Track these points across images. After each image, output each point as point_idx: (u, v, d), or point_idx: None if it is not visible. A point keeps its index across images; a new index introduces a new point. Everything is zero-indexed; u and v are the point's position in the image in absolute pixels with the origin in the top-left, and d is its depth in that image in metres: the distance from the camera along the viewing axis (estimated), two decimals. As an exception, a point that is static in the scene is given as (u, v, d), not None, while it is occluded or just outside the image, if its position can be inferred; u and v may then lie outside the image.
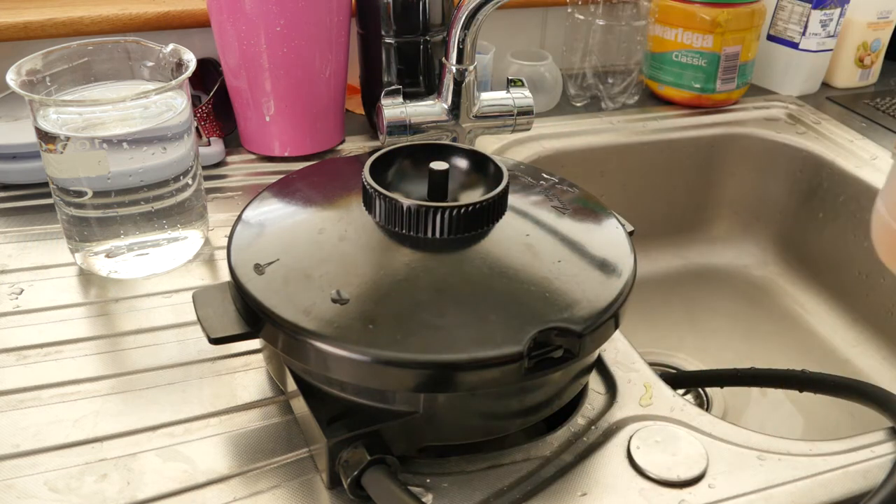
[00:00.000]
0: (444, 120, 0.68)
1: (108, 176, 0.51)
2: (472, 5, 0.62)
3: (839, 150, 0.82)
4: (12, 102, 0.69)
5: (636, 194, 0.87)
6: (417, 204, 0.42)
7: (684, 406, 0.46)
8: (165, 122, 0.52)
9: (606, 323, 0.40)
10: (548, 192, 0.49)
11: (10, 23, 0.72)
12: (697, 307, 0.90)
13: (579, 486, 0.41)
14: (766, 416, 0.77)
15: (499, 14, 0.66)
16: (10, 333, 0.50)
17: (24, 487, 0.40)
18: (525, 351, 0.37)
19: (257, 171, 0.71)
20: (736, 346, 0.86)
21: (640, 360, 0.49)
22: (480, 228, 0.43)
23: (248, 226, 0.46)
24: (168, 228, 0.56)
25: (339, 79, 0.72)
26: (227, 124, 0.74)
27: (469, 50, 0.65)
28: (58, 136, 0.50)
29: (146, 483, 0.40)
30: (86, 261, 0.56)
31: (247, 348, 0.49)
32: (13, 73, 0.50)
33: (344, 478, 0.38)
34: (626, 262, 0.44)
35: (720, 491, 0.41)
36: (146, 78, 0.57)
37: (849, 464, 0.43)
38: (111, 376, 0.47)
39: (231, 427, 0.44)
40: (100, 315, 0.53)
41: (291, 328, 0.38)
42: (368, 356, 0.37)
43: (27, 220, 0.62)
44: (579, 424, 0.45)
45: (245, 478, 0.41)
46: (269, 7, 0.64)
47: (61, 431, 0.43)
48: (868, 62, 0.94)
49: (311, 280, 0.40)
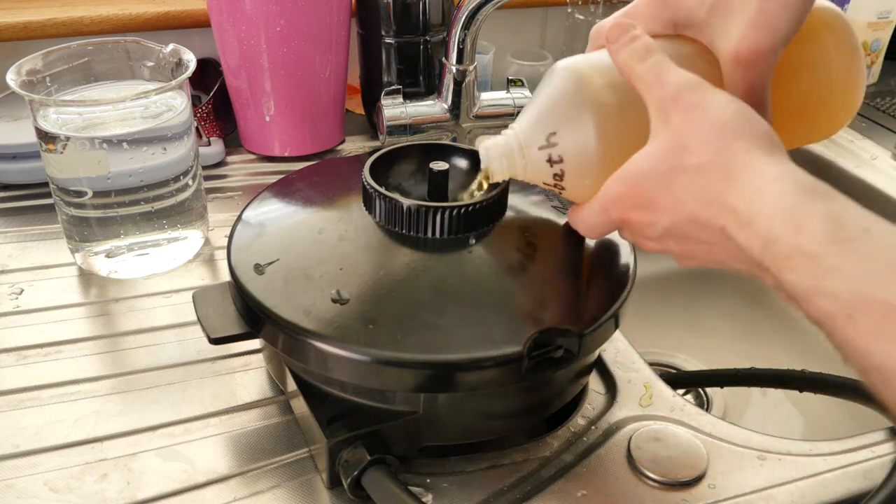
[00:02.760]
0: (444, 120, 0.68)
1: (108, 176, 0.51)
2: (472, 5, 0.62)
3: (839, 150, 0.82)
4: (12, 102, 0.69)
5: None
6: (417, 204, 0.42)
7: (684, 406, 0.46)
8: (165, 122, 0.52)
9: (606, 323, 0.40)
10: (548, 192, 0.49)
11: (10, 23, 0.72)
12: (697, 307, 0.90)
13: (579, 486, 0.41)
14: (766, 416, 0.77)
15: (499, 14, 0.66)
16: (10, 333, 0.50)
17: (24, 487, 0.40)
18: (525, 351, 0.37)
19: (257, 171, 0.71)
20: (736, 346, 0.85)
21: (640, 360, 0.49)
22: (480, 228, 0.43)
23: (248, 226, 0.46)
24: (168, 228, 0.56)
25: (339, 79, 0.72)
26: (227, 124, 0.74)
27: (469, 50, 0.65)
28: (58, 136, 0.50)
29: (146, 483, 0.40)
30: (86, 261, 0.56)
31: (247, 348, 0.49)
32: (13, 73, 0.50)
33: (344, 478, 0.38)
34: (626, 262, 0.44)
35: (720, 491, 0.41)
36: (146, 78, 0.57)
37: (849, 464, 0.43)
38: (111, 376, 0.47)
39: (231, 427, 0.44)
40: (100, 315, 0.53)
41: (291, 328, 0.38)
42: (368, 356, 0.37)
43: (27, 220, 0.62)
44: (579, 424, 0.45)
45: (245, 478, 0.41)
46: (269, 7, 0.64)
47: (61, 431, 0.43)
48: (868, 62, 0.94)
49: (311, 280, 0.40)
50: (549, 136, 0.38)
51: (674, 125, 0.33)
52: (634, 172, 0.35)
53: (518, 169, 0.40)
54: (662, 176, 0.33)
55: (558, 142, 0.38)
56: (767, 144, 0.31)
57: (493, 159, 0.41)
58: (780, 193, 0.29)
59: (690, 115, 0.33)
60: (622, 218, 0.36)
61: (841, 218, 0.28)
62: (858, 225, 0.28)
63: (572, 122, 0.38)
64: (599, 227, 0.38)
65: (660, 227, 0.34)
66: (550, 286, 0.41)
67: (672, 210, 0.33)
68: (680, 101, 0.33)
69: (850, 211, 0.29)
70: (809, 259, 0.28)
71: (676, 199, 0.33)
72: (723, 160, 0.31)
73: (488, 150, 0.41)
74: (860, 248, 0.27)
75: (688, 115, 0.33)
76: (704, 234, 0.32)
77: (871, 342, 0.26)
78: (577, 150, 0.38)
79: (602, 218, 0.37)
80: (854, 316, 0.27)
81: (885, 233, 0.28)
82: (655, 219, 0.34)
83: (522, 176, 0.41)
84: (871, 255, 0.27)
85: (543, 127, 0.39)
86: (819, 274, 0.28)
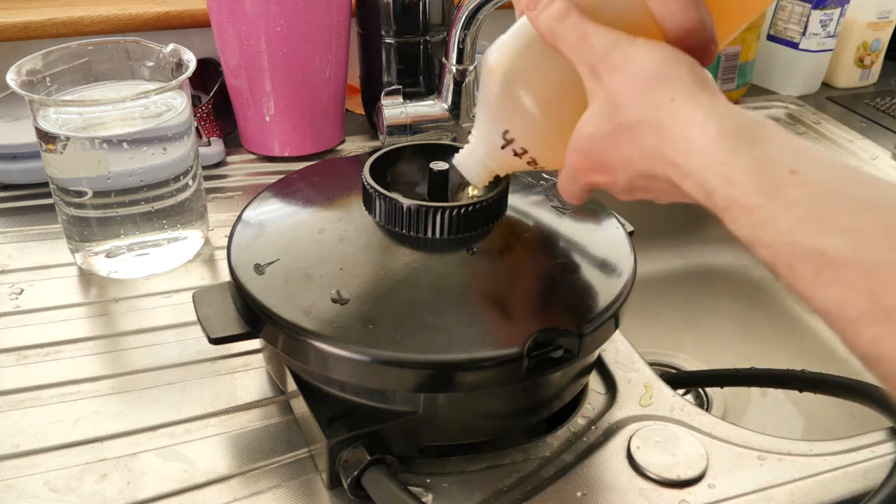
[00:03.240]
0: (444, 120, 0.68)
1: (108, 176, 0.51)
2: (472, 5, 0.62)
3: (839, 150, 0.82)
4: (12, 102, 0.69)
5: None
6: (417, 204, 0.42)
7: (684, 406, 0.46)
8: (165, 122, 0.52)
9: (606, 323, 0.40)
10: (548, 192, 0.49)
11: (10, 23, 0.72)
12: (697, 307, 0.90)
13: (579, 486, 0.41)
14: (766, 416, 0.77)
15: (499, 14, 0.66)
16: (10, 333, 0.50)
17: (24, 487, 0.40)
18: (525, 351, 0.37)
19: (257, 171, 0.71)
20: (736, 346, 0.85)
21: (640, 360, 0.49)
22: (480, 228, 0.43)
23: (248, 226, 0.46)
24: (168, 228, 0.56)
25: (339, 79, 0.72)
26: (227, 124, 0.74)
27: (469, 50, 0.65)
28: (58, 136, 0.50)
29: (146, 483, 0.40)
30: (86, 261, 0.56)
31: (247, 348, 0.49)
32: (13, 73, 0.50)
33: (344, 478, 0.38)
34: (626, 262, 0.44)
35: (720, 491, 0.41)
36: (146, 78, 0.57)
37: (849, 464, 0.43)
38: (111, 376, 0.47)
39: (231, 427, 0.44)
40: (100, 315, 0.53)
41: (291, 328, 0.38)
42: (368, 356, 0.37)
43: (27, 220, 0.62)
44: (579, 424, 0.45)
45: (245, 478, 0.41)
46: (269, 7, 0.64)
47: (61, 431, 0.43)
48: (868, 62, 0.94)
49: (311, 280, 0.40)
50: (504, 135, 0.39)
51: (605, 86, 0.33)
52: (584, 139, 0.35)
53: (495, 171, 0.41)
54: (607, 138, 0.33)
55: (514, 136, 0.38)
56: (691, 86, 0.31)
57: (468, 173, 0.41)
58: (707, 143, 0.30)
59: (617, 75, 0.33)
60: (589, 182, 0.37)
61: (766, 163, 0.28)
62: (784, 167, 0.28)
63: (514, 114, 0.38)
64: (575, 194, 0.39)
65: (622, 184, 0.35)
66: (550, 286, 0.41)
67: (624, 168, 0.34)
68: (606, 62, 0.33)
69: (775, 152, 0.29)
70: (744, 210, 0.28)
71: (625, 158, 0.33)
72: (653, 113, 0.31)
73: (460, 165, 0.42)
74: (788, 194, 0.27)
75: (615, 74, 0.33)
76: (660, 184, 0.33)
77: (810, 289, 0.27)
78: (533, 134, 0.38)
79: (574, 186, 0.38)
80: (792, 265, 0.27)
81: (812, 170, 0.28)
82: (615, 178, 0.35)
83: (503, 173, 0.41)
84: (797, 200, 0.27)
85: (495, 128, 0.39)
86: (755, 224, 0.28)
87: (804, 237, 0.26)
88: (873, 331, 0.25)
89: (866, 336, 0.25)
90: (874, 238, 0.25)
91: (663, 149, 0.31)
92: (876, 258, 0.25)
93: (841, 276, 0.26)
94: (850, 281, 0.25)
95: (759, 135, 0.29)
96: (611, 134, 0.33)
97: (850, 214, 0.26)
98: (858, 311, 0.25)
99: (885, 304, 0.25)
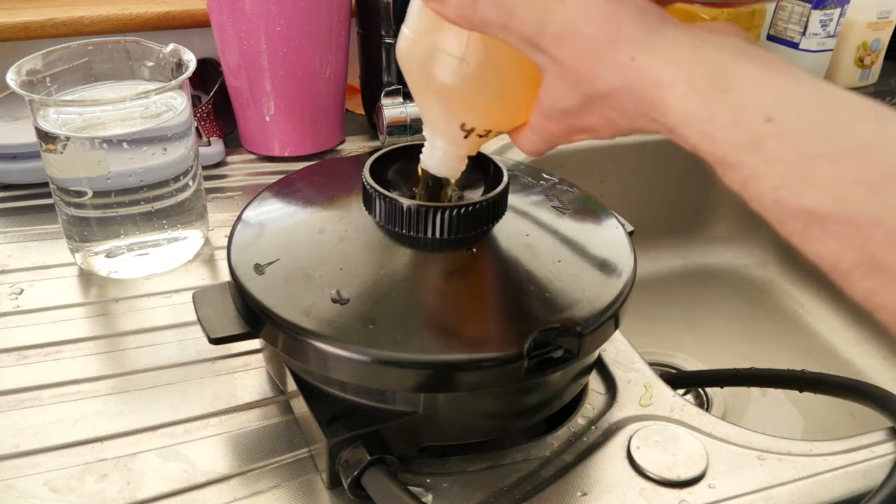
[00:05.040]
0: (444, 120, 0.68)
1: (108, 176, 0.51)
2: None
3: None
4: (12, 102, 0.69)
5: (636, 194, 0.87)
6: (417, 204, 0.42)
7: (684, 406, 0.46)
8: (165, 122, 0.52)
9: (606, 323, 0.40)
10: (548, 192, 0.49)
11: (10, 23, 0.72)
12: (697, 307, 0.90)
13: (579, 486, 0.41)
14: (766, 416, 0.77)
15: (499, 14, 0.66)
16: (10, 333, 0.50)
17: (24, 487, 0.40)
18: (525, 351, 0.37)
19: (257, 171, 0.71)
20: (736, 346, 0.86)
21: (640, 360, 0.49)
22: (480, 228, 0.43)
23: (248, 226, 0.46)
24: (168, 228, 0.56)
25: (339, 79, 0.72)
26: (227, 124, 0.74)
27: (469, 50, 0.65)
28: (58, 136, 0.50)
29: (146, 483, 0.40)
30: (86, 261, 0.56)
31: (247, 348, 0.49)
32: (13, 73, 0.50)
33: (344, 478, 0.38)
34: (626, 262, 0.44)
35: (720, 491, 0.41)
36: (146, 78, 0.57)
37: (849, 464, 0.43)
38: (111, 376, 0.47)
39: (231, 427, 0.44)
40: (100, 315, 0.53)
41: (291, 328, 0.38)
42: (368, 356, 0.37)
43: (27, 220, 0.62)
44: (579, 424, 0.45)
45: (245, 478, 0.41)
46: (269, 7, 0.64)
47: (61, 431, 0.43)
48: (868, 62, 0.94)
49: (311, 280, 0.40)
50: (462, 126, 0.38)
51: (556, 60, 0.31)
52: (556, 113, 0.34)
53: (465, 157, 0.41)
54: (580, 108, 0.32)
55: (474, 125, 0.38)
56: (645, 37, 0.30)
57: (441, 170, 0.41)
58: (681, 103, 0.29)
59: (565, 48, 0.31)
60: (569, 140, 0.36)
61: (742, 115, 0.28)
62: (760, 115, 0.27)
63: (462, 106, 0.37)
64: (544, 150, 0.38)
65: (606, 135, 0.34)
66: (550, 286, 0.41)
67: (608, 126, 0.33)
68: (545, 35, 0.31)
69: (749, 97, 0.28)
70: (731, 168, 0.28)
71: (606, 120, 0.32)
72: (619, 79, 0.30)
73: (429, 167, 0.41)
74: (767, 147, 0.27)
75: (562, 48, 0.31)
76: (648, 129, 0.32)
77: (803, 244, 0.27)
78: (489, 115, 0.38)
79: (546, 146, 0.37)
80: (782, 221, 0.27)
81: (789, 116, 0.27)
82: (598, 134, 0.34)
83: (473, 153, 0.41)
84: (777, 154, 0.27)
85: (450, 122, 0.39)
86: (743, 182, 0.28)
87: (789, 196, 0.26)
88: (867, 283, 0.25)
89: (861, 287, 0.26)
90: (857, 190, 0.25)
91: (643, 109, 0.30)
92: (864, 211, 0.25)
93: (831, 232, 0.26)
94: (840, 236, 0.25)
95: (730, 79, 0.28)
96: (583, 105, 0.32)
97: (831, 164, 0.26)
98: (851, 265, 0.25)
99: (878, 259, 0.25)
